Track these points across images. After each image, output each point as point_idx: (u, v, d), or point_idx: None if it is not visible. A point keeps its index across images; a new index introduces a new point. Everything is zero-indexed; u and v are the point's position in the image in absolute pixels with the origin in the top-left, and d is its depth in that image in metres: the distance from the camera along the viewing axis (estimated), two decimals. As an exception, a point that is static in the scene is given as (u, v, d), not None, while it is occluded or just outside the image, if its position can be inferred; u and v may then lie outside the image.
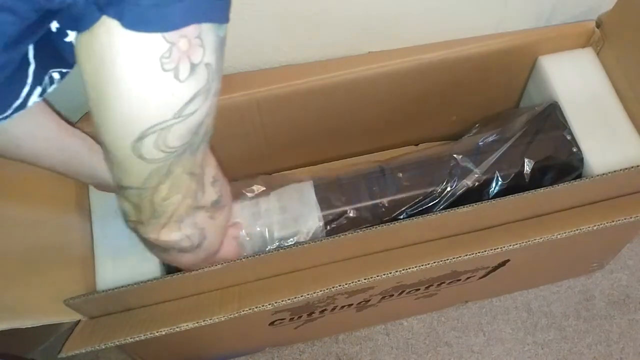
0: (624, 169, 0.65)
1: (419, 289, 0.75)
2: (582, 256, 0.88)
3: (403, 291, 0.74)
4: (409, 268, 0.62)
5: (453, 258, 0.63)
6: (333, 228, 0.72)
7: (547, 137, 0.74)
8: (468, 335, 0.94)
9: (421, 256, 0.63)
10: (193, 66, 0.35)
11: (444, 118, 0.90)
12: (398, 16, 0.73)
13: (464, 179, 0.73)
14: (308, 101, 0.77)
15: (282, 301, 0.61)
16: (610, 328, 0.94)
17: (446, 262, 0.63)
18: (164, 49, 0.33)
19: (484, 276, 0.77)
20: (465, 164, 0.74)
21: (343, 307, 0.74)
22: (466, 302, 0.95)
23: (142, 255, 0.68)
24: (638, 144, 0.73)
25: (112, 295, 0.62)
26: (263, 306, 0.61)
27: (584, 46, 0.80)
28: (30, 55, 0.38)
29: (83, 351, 0.60)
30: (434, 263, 0.62)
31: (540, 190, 0.63)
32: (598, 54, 0.79)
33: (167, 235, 0.48)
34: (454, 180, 0.73)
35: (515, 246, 0.63)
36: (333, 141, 0.89)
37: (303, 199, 0.73)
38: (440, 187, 0.73)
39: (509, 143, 0.74)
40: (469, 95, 0.86)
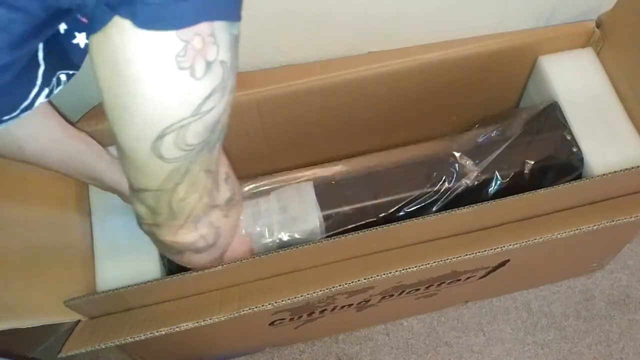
0: (624, 169, 0.65)
1: (419, 289, 0.75)
2: (582, 256, 0.88)
3: (403, 291, 0.74)
4: (409, 268, 0.62)
5: (453, 258, 0.63)
6: (333, 228, 0.72)
7: (547, 137, 0.74)
8: (468, 335, 0.94)
9: (421, 256, 0.63)
10: (208, 64, 0.35)
11: (444, 118, 0.90)
12: (398, 16, 0.73)
13: (464, 178, 0.73)
14: (308, 101, 0.77)
15: (282, 301, 0.61)
16: (610, 328, 0.93)
17: (446, 262, 0.63)
18: (179, 48, 0.33)
19: (484, 276, 0.77)
20: (464, 163, 0.74)
21: (343, 307, 0.74)
22: (466, 302, 0.95)
23: (142, 254, 0.69)
24: (638, 144, 0.73)
25: (112, 295, 0.62)
26: (263, 306, 0.61)
27: (584, 46, 0.80)
28: (40, 56, 0.38)
29: (83, 351, 0.60)
30: (434, 263, 0.62)
31: (540, 190, 0.63)
32: (598, 54, 0.79)
33: (184, 236, 0.49)
34: (454, 179, 0.73)
35: (515, 246, 0.64)
36: (333, 141, 0.89)
37: (303, 199, 0.73)
38: (439, 186, 0.73)
39: (509, 143, 0.74)
40: (469, 95, 0.86)
